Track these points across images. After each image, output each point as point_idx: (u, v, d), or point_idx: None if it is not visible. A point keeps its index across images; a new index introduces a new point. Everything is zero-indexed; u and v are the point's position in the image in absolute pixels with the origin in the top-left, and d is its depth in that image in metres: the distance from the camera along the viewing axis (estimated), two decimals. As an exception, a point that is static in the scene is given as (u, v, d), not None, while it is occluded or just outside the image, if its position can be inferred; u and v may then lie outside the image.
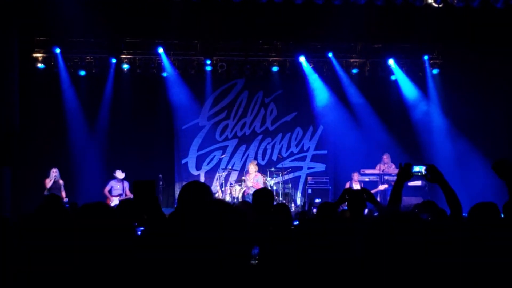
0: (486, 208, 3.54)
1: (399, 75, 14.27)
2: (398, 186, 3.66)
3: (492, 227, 3.31)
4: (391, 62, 14.01)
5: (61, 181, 12.17)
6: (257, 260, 3.23)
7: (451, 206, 3.42)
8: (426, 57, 14.09)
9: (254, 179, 12.85)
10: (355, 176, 13.08)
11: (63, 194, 12.08)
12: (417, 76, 14.32)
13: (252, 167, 13.07)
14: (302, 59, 13.95)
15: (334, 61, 14.13)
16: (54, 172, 12.04)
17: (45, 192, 11.79)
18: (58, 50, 13.25)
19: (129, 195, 12.33)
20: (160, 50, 13.57)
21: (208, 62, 13.92)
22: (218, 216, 2.07)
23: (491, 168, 3.91)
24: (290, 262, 2.64)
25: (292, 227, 4.92)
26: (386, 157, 13.53)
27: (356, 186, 12.74)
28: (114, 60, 13.67)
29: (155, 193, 4.49)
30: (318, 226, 2.66)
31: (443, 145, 13.91)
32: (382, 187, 13.09)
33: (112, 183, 12.65)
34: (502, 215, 3.68)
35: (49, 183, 11.93)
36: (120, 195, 12.51)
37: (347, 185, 12.81)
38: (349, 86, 14.47)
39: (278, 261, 2.82)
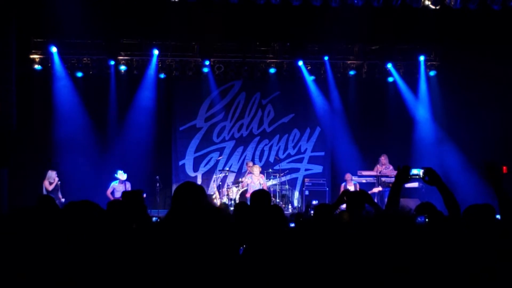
0: (481, 210, 3.55)
1: (396, 77, 14.29)
2: (396, 188, 3.66)
3: (488, 228, 3.31)
4: (389, 66, 14.04)
5: (58, 182, 12.10)
6: (242, 260, 3.21)
7: (449, 208, 3.42)
8: (422, 59, 14.10)
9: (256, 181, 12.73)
10: (348, 176, 13.00)
11: (59, 194, 12.01)
12: (414, 78, 14.34)
13: (256, 170, 12.97)
14: (300, 63, 13.98)
15: (329, 64, 14.15)
16: (55, 175, 11.99)
17: (44, 193, 11.72)
18: (54, 49, 13.18)
19: None
20: (155, 52, 13.57)
21: (206, 63, 13.92)
22: (210, 217, 2.06)
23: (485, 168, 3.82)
24: (280, 263, 2.63)
25: (287, 229, 4.89)
26: (383, 159, 13.50)
27: (351, 186, 12.66)
28: (112, 62, 13.65)
29: (143, 202, 4.49)
30: (315, 228, 2.66)
31: (440, 148, 13.93)
32: (376, 189, 13.03)
33: (114, 184, 12.41)
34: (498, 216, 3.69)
35: (50, 186, 11.84)
36: (123, 196, 12.34)
37: (342, 187, 12.73)
38: (346, 88, 14.50)
39: (265, 263, 2.81)
